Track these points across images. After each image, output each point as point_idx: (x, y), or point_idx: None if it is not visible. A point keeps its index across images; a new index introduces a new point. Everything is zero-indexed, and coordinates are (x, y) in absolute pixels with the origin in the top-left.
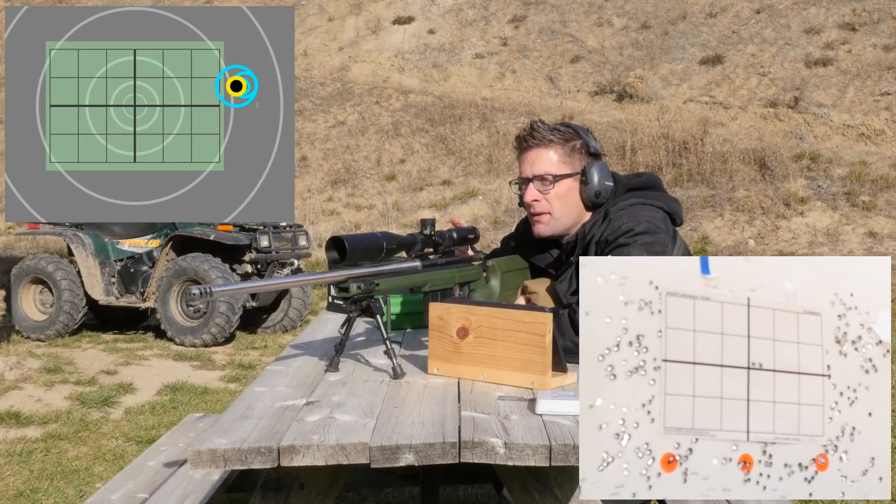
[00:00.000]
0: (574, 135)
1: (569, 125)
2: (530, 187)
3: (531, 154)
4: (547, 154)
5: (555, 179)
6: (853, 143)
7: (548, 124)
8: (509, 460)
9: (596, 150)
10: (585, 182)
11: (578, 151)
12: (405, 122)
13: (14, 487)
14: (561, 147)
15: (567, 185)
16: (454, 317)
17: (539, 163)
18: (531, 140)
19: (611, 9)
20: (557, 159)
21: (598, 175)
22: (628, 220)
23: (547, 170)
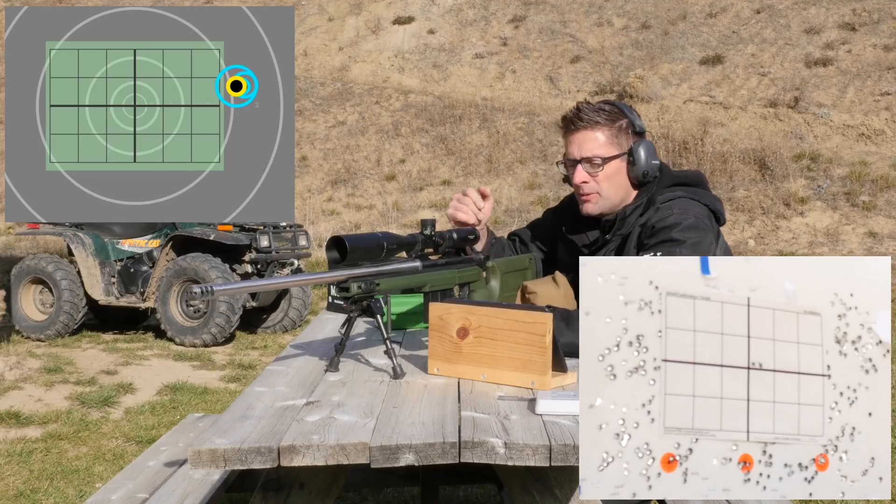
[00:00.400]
0: (620, 114)
1: (614, 103)
2: (578, 169)
3: (578, 136)
4: (594, 136)
5: (603, 162)
6: (853, 143)
7: (593, 104)
8: (509, 460)
9: (641, 129)
10: (633, 162)
11: (625, 131)
12: (405, 122)
13: (14, 487)
14: (608, 128)
15: (615, 165)
16: (454, 317)
17: (587, 145)
18: (578, 122)
19: (611, 9)
20: (605, 140)
21: (645, 154)
22: (678, 213)
23: (595, 152)
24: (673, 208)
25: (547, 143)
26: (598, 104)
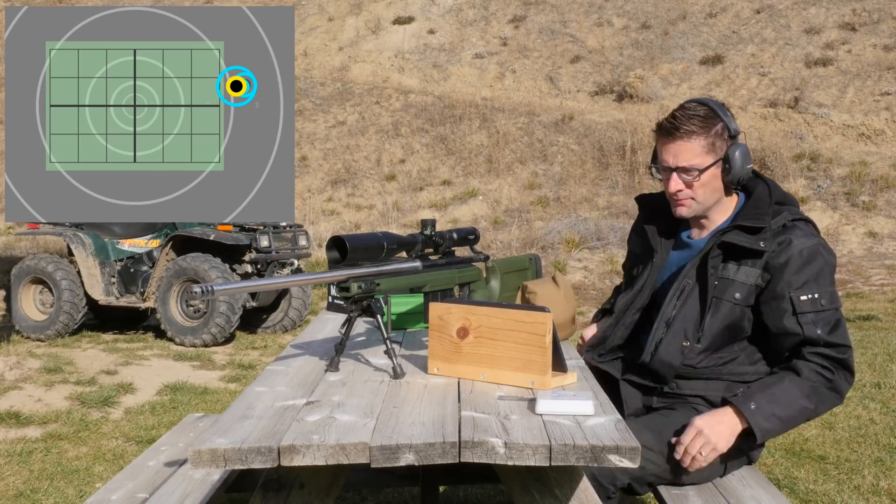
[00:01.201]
0: (715, 117)
1: (707, 104)
2: (674, 177)
3: (675, 146)
4: (691, 146)
5: (700, 172)
6: (853, 143)
7: (688, 108)
8: (509, 460)
9: (736, 131)
10: (728, 168)
11: (720, 136)
12: (405, 122)
13: (14, 487)
14: (704, 137)
15: (711, 172)
16: (454, 317)
17: (683, 155)
18: (675, 132)
19: (611, 9)
20: (701, 150)
21: (741, 160)
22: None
23: (692, 163)
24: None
25: (547, 143)
26: (692, 108)
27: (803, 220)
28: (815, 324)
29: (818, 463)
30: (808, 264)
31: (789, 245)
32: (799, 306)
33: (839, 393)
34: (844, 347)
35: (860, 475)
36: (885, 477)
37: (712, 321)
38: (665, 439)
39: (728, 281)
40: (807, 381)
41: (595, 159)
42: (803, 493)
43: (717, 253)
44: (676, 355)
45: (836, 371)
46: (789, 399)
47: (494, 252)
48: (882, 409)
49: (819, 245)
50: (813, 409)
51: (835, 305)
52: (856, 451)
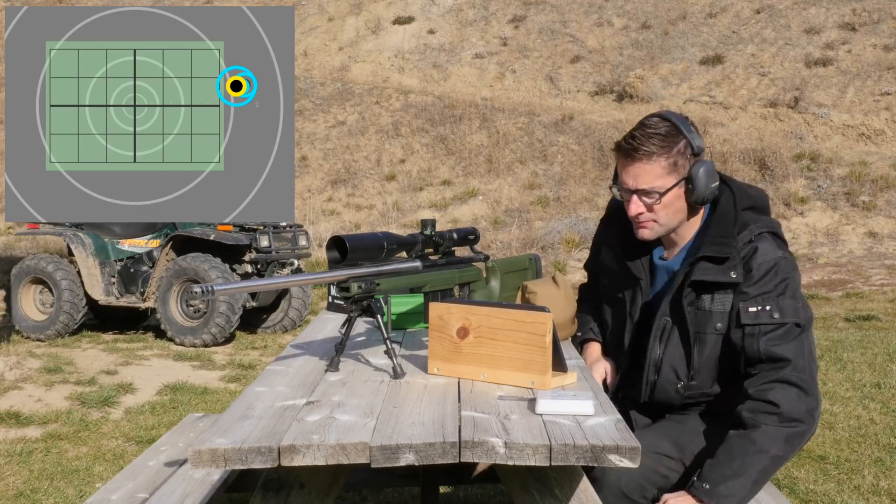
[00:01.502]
0: (677, 135)
1: (670, 119)
2: (634, 199)
3: (634, 168)
4: (651, 168)
5: (661, 195)
6: (853, 143)
7: (649, 126)
8: (509, 460)
9: (700, 149)
10: (692, 189)
11: (683, 155)
12: (405, 122)
13: (14, 487)
14: (665, 157)
15: (673, 193)
16: (454, 317)
17: (643, 177)
18: (634, 154)
19: (611, 9)
20: (662, 171)
21: (704, 179)
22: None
23: (652, 185)
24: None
25: (547, 143)
26: (653, 125)
27: (770, 231)
28: (758, 337)
29: (818, 463)
30: (764, 277)
31: (750, 260)
32: (745, 318)
33: (797, 420)
34: (784, 361)
35: (860, 475)
36: (885, 477)
37: (701, 357)
38: (683, 447)
39: (706, 313)
40: (754, 430)
41: (595, 159)
42: (803, 493)
43: (689, 290)
44: (674, 395)
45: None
46: (747, 461)
47: (494, 252)
48: (882, 409)
49: (780, 259)
50: (778, 454)
51: (790, 320)
52: (856, 451)
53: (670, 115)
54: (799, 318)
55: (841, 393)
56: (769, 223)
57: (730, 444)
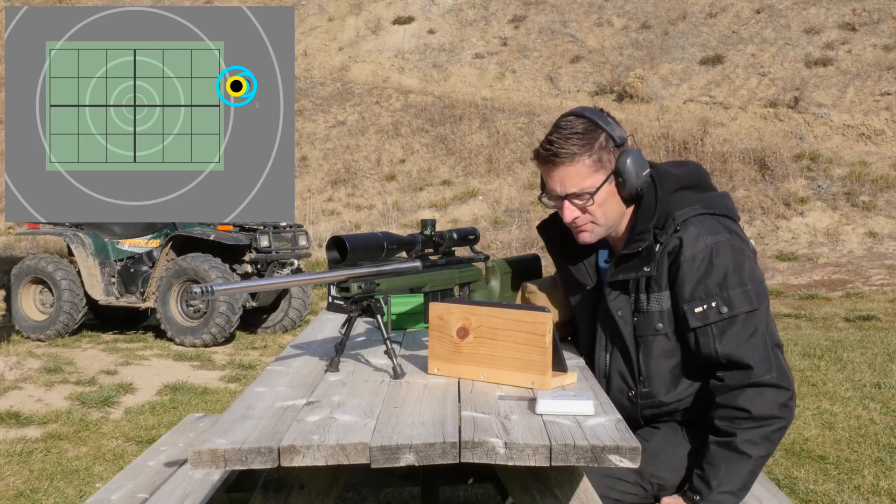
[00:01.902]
0: (595, 130)
1: (584, 115)
2: (567, 205)
3: (558, 173)
4: (575, 169)
5: (592, 195)
6: (853, 143)
7: (564, 129)
8: (509, 460)
9: (622, 139)
10: (622, 181)
11: (606, 149)
12: (405, 122)
13: (14, 487)
14: (588, 155)
15: (605, 190)
16: (454, 317)
17: (570, 180)
18: (556, 159)
19: (611, 9)
20: (587, 170)
21: (633, 169)
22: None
23: (581, 186)
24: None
25: None
26: (569, 125)
27: (698, 214)
28: (712, 338)
29: (818, 463)
30: (700, 269)
31: (679, 254)
32: (692, 321)
33: (772, 418)
34: (746, 368)
35: (860, 475)
36: (885, 477)
37: (647, 361)
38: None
39: (645, 315)
40: (733, 437)
41: None
42: (803, 493)
43: (616, 294)
44: (627, 405)
45: (750, 401)
46: (731, 468)
47: (494, 252)
48: (882, 409)
49: (713, 244)
50: (760, 455)
51: (742, 309)
52: (856, 451)
53: (584, 110)
54: (751, 304)
55: (841, 393)
56: (703, 202)
57: (712, 454)
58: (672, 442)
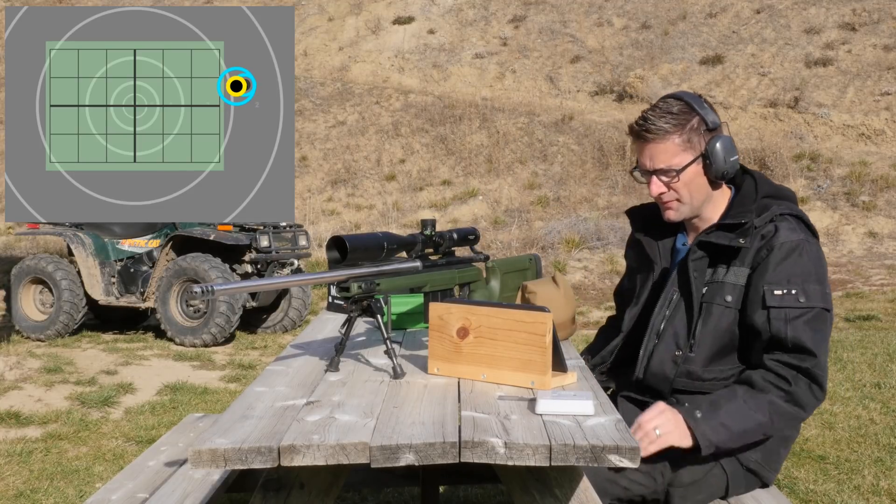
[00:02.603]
0: (689, 112)
1: (682, 99)
2: (654, 180)
3: (649, 148)
4: (665, 146)
5: (678, 172)
6: (853, 143)
7: (660, 108)
8: (509, 460)
9: (714, 124)
10: (710, 163)
11: (697, 131)
12: (405, 122)
13: (14, 487)
14: (678, 135)
15: (692, 170)
16: (454, 317)
17: (659, 157)
18: (647, 135)
19: (611, 9)
20: (677, 149)
21: (722, 153)
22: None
23: (669, 163)
24: (792, 231)
25: (547, 143)
26: (665, 105)
27: (793, 215)
28: (785, 321)
29: (818, 463)
30: (788, 258)
31: (772, 239)
32: (770, 300)
33: (801, 406)
34: (810, 355)
35: (860, 475)
36: (885, 477)
37: (704, 327)
38: (653, 470)
39: (718, 284)
40: (761, 393)
41: (595, 159)
42: (803, 493)
43: (700, 255)
44: (669, 366)
45: (796, 382)
46: (742, 412)
47: (494, 252)
48: (882, 409)
49: (804, 241)
50: (769, 423)
51: (818, 305)
52: (856, 451)
53: (683, 94)
54: (827, 304)
55: (841, 393)
56: (794, 208)
57: (734, 391)
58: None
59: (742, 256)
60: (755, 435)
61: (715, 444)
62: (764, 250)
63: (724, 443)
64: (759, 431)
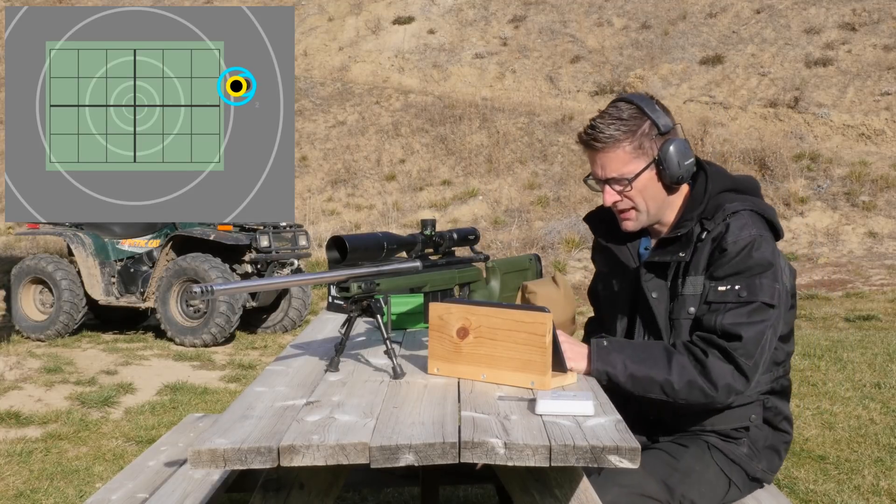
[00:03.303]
0: (640, 117)
1: (632, 102)
2: (607, 189)
3: (600, 157)
4: (616, 154)
5: (630, 181)
6: (853, 143)
7: (609, 114)
8: (509, 460)
9: (667, 127)
10: (664, 168)
11: (648, 136)
12: (405, 122)
13: (14, 487)
14: (629, 141)
15: (645, 177)
16: (454, 317)
17: (610, 165)
18: (596, 144)
19: (611, 9)
20: (628, 157)
21: (676, 157)
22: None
23: (621, 172)
24: (743, 228)
25: (547, 143)
26: (614, 111)
27: (750, 209)
28: (719, 312)
29: (818, 463)
30: (737, 256)
31: (722, 240)
32: (712, 296)
33: (711, 382)
34: (735, 339)
35: (860, 475)
36: (885, 477)
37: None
38: (672, 489)
39: (682, 298)
40: (676, 353)
41: None
42: (803, 493)
43: (650, 276)
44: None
45: (712, 357)
46: (648, 359)
47: (494, 252)
48: (882, 409)
49: (756, 237)
50: (671, 382)
51: (760, 299)
52: (856, 451)
53: (633, 97)
54: (772, 299)
55: (841, 393)
56: (752, 202)
57: (653, 343)
58: (702, 461)
59: (695, 265)
60: (654, 387)
61: (606, 373)
62: (716, 252)
63: (617, 376)
64: (658, 386)
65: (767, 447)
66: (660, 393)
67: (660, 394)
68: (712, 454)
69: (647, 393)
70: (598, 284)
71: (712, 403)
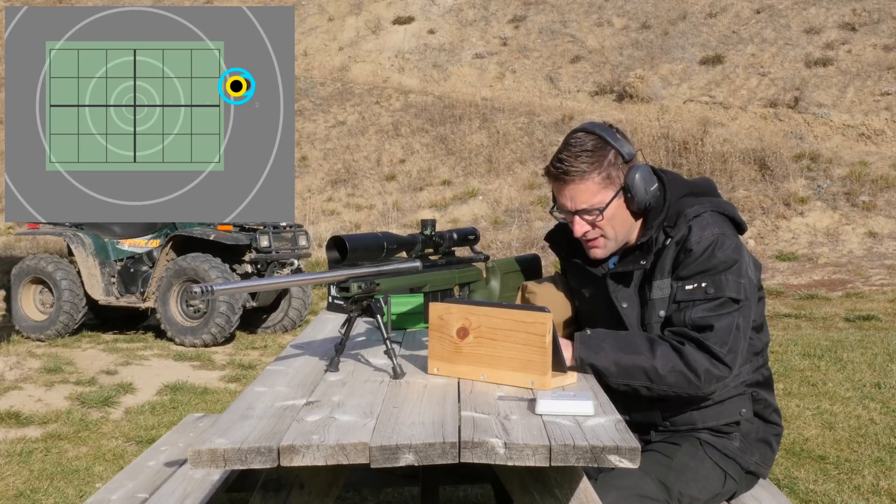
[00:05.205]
0: (604, 147)
1: (594, 132)
2: (577, 220)
3: (568, 190)
4: (586, 186)
5: (601, 211)
6: (853, 143)
7: (574, 146)
8: (509, 460)
9: (630, 155)
10: (631, 196)
11: (615, 165)
12: (405, 122)
13: (14, 487)
14: (597, 172)
15: (614, 205)
16: (454, 317)
17: (580, 197)
18: (566, 177)
19: (611, 9)
20: (598, 187)
21: (642, 184)
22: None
23: (591, 203)
24: (705, 228)
25: (547, 143)
26: (579, 143)
27: (711, 211)
28: (690, 309)
29: (818, 463)
30: (702, 255)
31: (686, 242)
32: (680, 295)
33: (692, 370)
34: (707, 329)
35: (860, 475)
36: (885, 477)
37: None
38: (669, 487)
39: (651, 303)
40: (659, 342)
41: None
42: (803, 493)
43: (617, 286)
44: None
45: (688, 346)
46: (631, 346)
47: (494, 252)
48: (882, 409)
49: (719, 235)
50: (656, 368)
51: (726, 294)
52: (856, 451)
53: (594, 126)
54: (738, 294)
55: (841, 393)
56: (712, 203)
57: (636, 332)
58: (695, 457)
59: (661, 269)
60: (637, 375)
61: (587, 360)
62: (681, 253)
63: (599, 361)
64: (643, 372)
65: (759, 440)
66: (644, 379)
67: (644, 380)
68: (705, 450)
69: (632, 380)
70: (574, 298)
71: (696, 392)
